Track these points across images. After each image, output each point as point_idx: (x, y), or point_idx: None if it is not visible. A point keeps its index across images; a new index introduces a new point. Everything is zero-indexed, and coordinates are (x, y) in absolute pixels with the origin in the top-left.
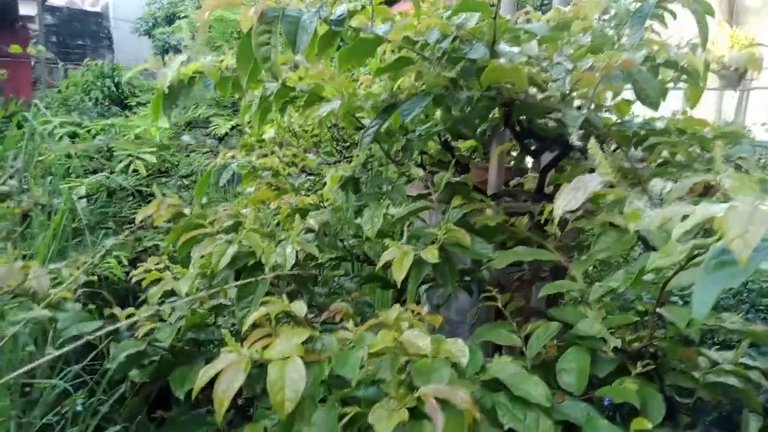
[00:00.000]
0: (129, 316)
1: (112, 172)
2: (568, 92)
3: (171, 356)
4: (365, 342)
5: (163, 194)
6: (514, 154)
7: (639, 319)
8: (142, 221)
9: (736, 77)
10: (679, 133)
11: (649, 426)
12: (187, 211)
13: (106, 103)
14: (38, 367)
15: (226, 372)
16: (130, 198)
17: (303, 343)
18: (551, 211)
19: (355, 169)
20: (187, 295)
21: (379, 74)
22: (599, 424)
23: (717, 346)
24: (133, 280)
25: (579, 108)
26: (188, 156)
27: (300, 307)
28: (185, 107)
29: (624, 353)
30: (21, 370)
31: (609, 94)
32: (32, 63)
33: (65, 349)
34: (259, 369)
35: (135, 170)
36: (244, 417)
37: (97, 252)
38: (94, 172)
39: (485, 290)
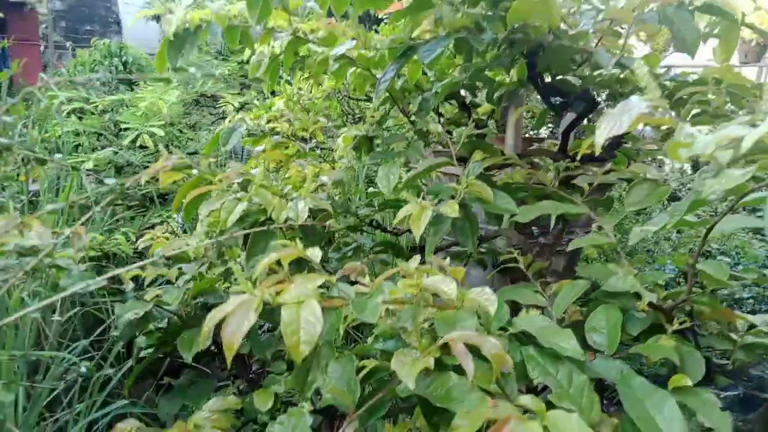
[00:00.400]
0: (134, 278)
1: (120, 149)
2: (598, 38)
3: (179, 320)
4: (384, 289)
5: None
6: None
7: (673, 275)
8: (147, 181)
9: (757, 52)
10: (715, 83)
11: (689, 383)
12: (195, 172)
13: (114, 84)
14: (46, 341)
15: (235, 313)
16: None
17: (319, 288)
18: (590, 144)
19: (370, 128)
20: (195, 255)
21: (397, 19)
22: (634, 382)
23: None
24: (140, 246)
25: None
26: (196, 134)
27: (315, 254)
28: (192, 83)
29: (658, 310)
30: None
31: (637, 46)
32: (41, 48)
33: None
34: (270, 334)
35: (142, 146)
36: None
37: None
38: (103, 149)
39: (500, 263)
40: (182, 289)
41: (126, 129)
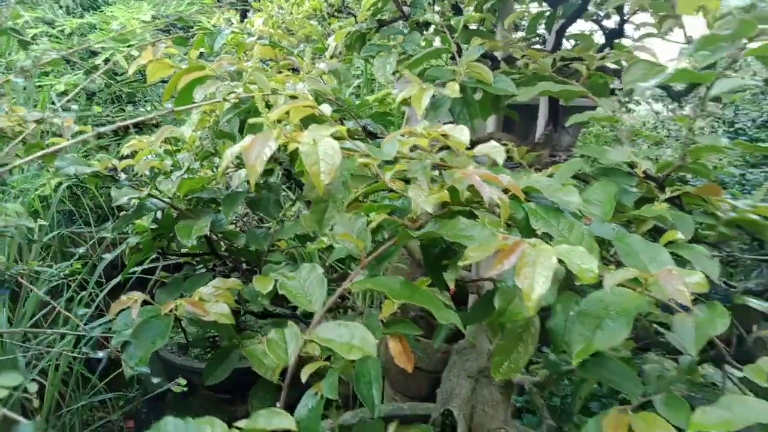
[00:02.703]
0: (127, 168)
1: (89, 73)
2: None
3: (174, 212)
4: (395, 139)
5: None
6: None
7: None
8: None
9: None
10: None
11: (680, 236)
12: (184, 66)
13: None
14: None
15: (257, 141)
16: (112, 103)
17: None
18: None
19: (363, 25)
20: (191, 142)
21: None
22: (630, 239)
23: None
24: (124, 153)
25: None
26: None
27: (327, 108)
28: (165, 3)
29: (652, 180)
30: None
31: None
32: None
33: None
34: (266, 229)
35: (115, 72)
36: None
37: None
38: (74, 78)
39: None
40: (176, 182)
41: (97, 54)
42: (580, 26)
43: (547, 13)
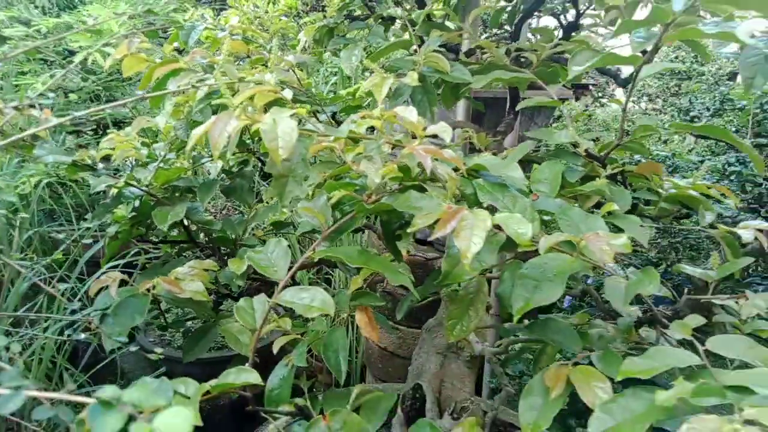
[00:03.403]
0: (105, 158)
1: (66, 72)
2: None
3: (151, 199)
4: (351, 120)
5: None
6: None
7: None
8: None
9: None
10: None
11: (617, 208)
12: (158, 60)
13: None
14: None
15: (220, 119)
16: (91, 101)
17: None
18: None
19: (330, 20)
20: (166, 133)
21: None
22: (572, 212)
23: None
24: (102, 147)
25: None
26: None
27: (288, 93)
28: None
29: (594, 158)
30: None
31: None
32: None
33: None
34: (240, 216)
35: (91, 71)
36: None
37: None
38: (51, 77)
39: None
40: (153, 171)
41: (74, 53)
42: (546, 21)
43: (509, 8)
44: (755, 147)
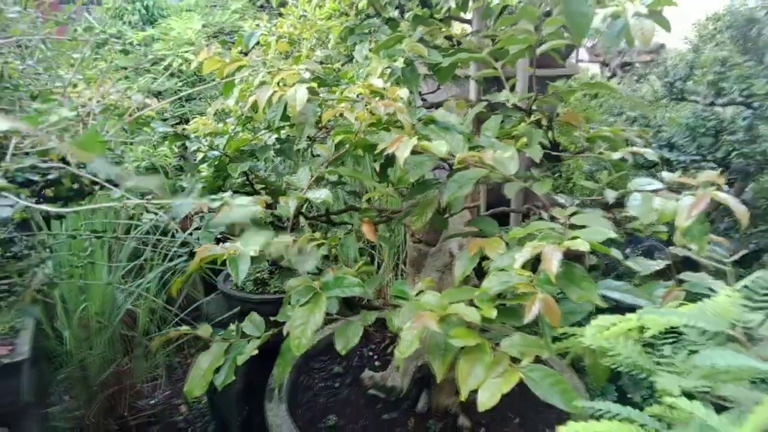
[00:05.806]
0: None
1: (156, 78)
2: None
3: (226, 158)
4: (347, 89)
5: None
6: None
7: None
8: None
9: None
10: None
11: (524, 141)
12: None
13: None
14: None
15: (261, 90)
16: (175, 102)
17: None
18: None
19: (352, 20)
20: (235, 111)
21: None
22: (495, 143)
23: None
24: (191, 127)
25: None
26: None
27: (307, 74)
28: (211, 14)
29: (521, 110)
30: None
31: None
32: None
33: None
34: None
35: (174, 73)
36: None
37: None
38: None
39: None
40: (226, 140)
41: (160, 60)
42: None
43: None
44: None
